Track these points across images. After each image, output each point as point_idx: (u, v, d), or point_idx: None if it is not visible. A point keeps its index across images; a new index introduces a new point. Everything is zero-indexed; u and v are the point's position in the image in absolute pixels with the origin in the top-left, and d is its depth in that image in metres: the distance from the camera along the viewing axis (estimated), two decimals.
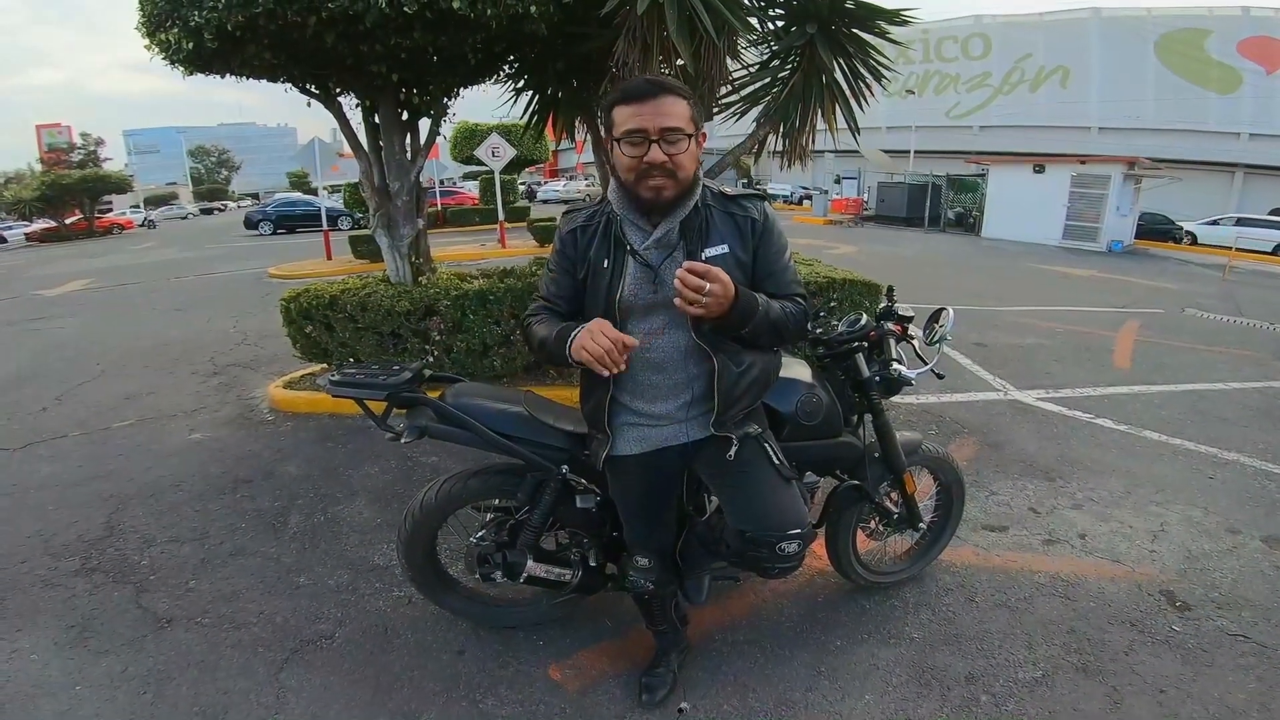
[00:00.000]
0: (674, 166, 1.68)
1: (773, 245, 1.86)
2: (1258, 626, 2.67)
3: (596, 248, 1.85)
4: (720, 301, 1.61)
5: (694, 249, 1.77)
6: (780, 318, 1.79)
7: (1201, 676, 2.39)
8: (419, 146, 5.73)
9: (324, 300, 5.08)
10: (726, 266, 1.70)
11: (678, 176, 1.70)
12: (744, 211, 1.84)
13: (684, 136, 1.68)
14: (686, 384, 1.89)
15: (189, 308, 9.93)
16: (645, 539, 2.15)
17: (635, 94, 1.67)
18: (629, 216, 1.82)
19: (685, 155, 1.69)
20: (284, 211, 26.57)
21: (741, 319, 1.69)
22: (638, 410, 1.93)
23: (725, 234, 1.81)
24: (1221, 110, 30.56)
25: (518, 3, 4.05)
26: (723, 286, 1.59)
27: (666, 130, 1.65)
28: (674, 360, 1.86)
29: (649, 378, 1.89)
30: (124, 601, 2.84)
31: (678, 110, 1.67)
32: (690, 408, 1.91)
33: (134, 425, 4.96)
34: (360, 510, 3.57)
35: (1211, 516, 3.55)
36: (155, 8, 4.16)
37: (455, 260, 13.33)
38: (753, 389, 1.93)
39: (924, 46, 37.69)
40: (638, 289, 1.80)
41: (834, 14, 4.77)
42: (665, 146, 1.66)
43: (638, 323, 1.83)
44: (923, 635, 2.59)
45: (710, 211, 1.81)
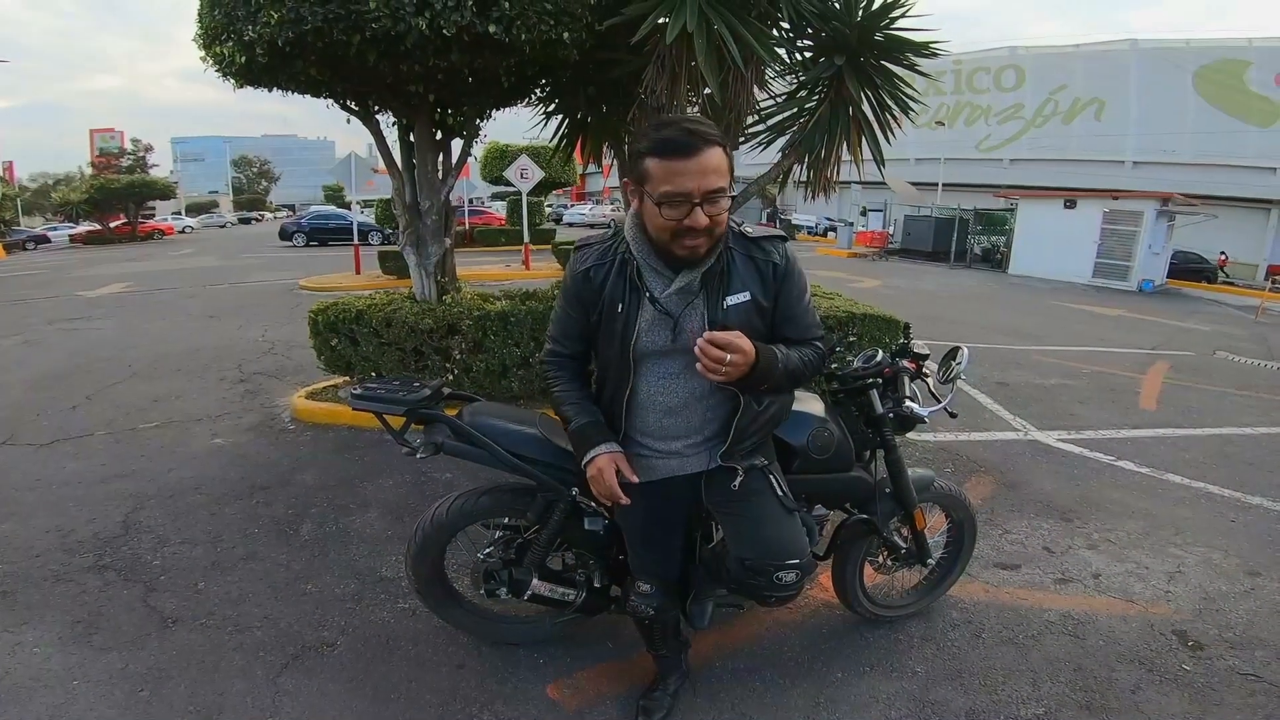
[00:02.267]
0: (715, 226, 1.61)
1: (794, 289, 1.82)
2: (1270, 666, 2.63)
3: (611, 288, 1.78)
4: (741, 368, 1.59)
5: (715, 297, 1.72)
6: (797, 367, 1.77)
7: (1209, 715, 2.36)
8: (450, 166, 5.87)
9: (350, 315, 5.19)
10: (747, 313, 1.73)
11: (715, 234, 1.63)
12: (766, 255, 1.78)
13: (727, 197, 1.59)
14: (701, 424, 1.89)
15: (221, 315, 10.17)
16: (649, 566, 2.13)
17: (675, 150, 1.53)
18: (649, 263, 1.75)
19: (722, 215, 1.62)
20: (317, 224, 27.16)
21: (761, 379, 1.68)
22: (647, 445, 1.93)
23: (747, 279, 1.75)
24: (1260, 144, 30.03)
25: (551, 28, 4.18)
26: (744, 356, 1.58)
27: (711, 193, 1.55)
28: (689, 403, 1.86)
29: (661, 421, 1.88)
30: (132, 600, 2.90)
31: (720, 165, 1.56)
32: (702, 443, 1.92)
33: (159, 427, 5.08)
34: (372, 522, 3.62)
35: (1231, 559, 3.49)
36: (212, 22, 4.37)
37: (480, 280, 13.51)
38: (767, 425, 1.92)
39: (955, 77, 37.62)
40: (655, 336, 1.77)
41: (863, 46, 4.81)
42: (708, 208, 1.56)
43: (653, 366, 1.82)
44: (926, 670, 2.56)
45: (732, 255, 1.75)
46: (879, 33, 4.80)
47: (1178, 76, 31.63)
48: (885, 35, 4.83)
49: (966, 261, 24.50)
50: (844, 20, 4.70)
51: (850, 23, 4.69)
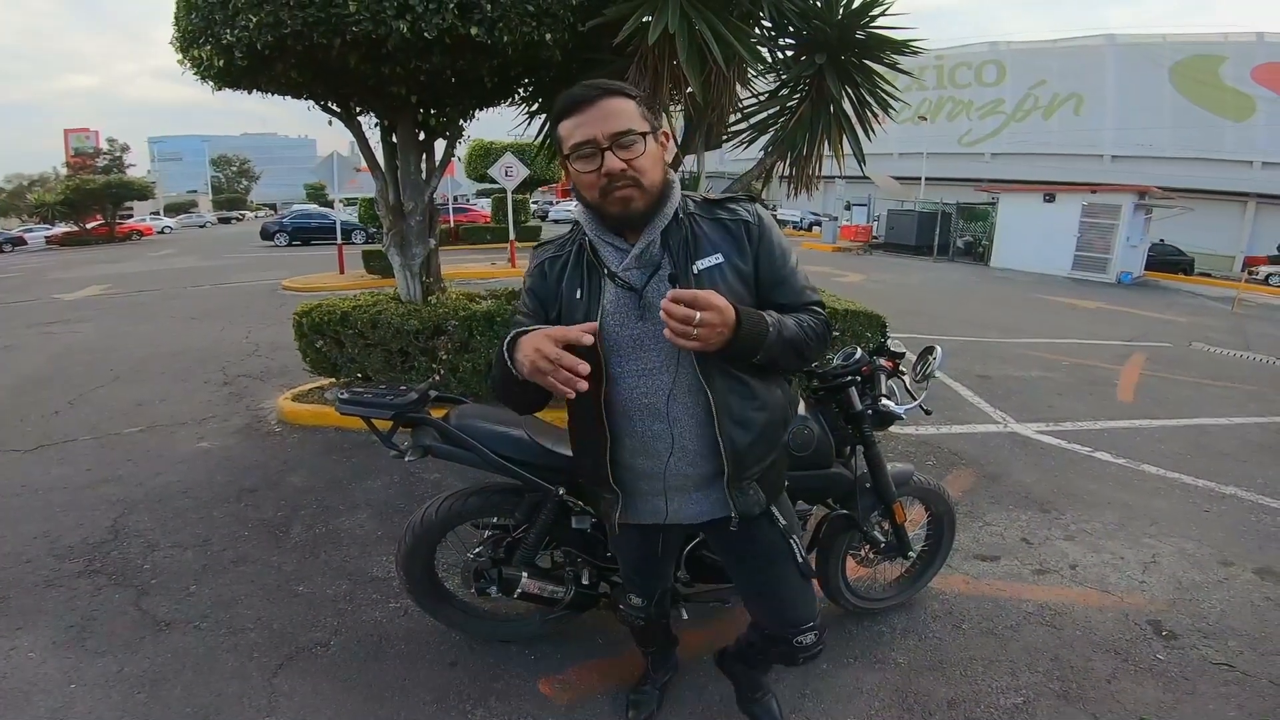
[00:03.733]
0: (636, 172, 1.46)
1: (775, 248, 1.62)
2: (1243, 655, 2.69)
3: (569, 278, 1.63)
4: (718, 330, 1.37)
5: (681, 264, 1.55)
6: (797, 335, 1.55)
7: (1182, 704, 2.42)
8: (434, 167, 5.86)
9: (335, 316, 5.19)
10: (724, 278, 1.54)
11: (643, 184, 1.48)
12: (733, 215, 1.61)
13: (638, 137, 1.45)
14: (693, 432, 1.62)
15: (203, 317, 10.09)
16: (641, 586, 2.10)
17: (574, 103, 1.46)
18: (602, 236, 1.59)
19: (645, 158, 1.47)
20: (300, 224, 26.93)
21: (751, 345, 1.46)
22: (642, 470, 1.68)
23: (717, 242, 1.58)
24: (1235, 138, 30.50)
25: (533, 30, 4.19)
26: (718, 313, 1.35)
27: (616, 135, 1.44)
28: (682, 404, 1.61)
29: (649, 426, 1.62)
30: (124, 604, 2.91)
31: (623, 110, 1.46)
32: (698, 463, 1.65)
33: (144, 431, 5.06)
34: (362, 523, 3.64)
35: (1205, 549, 3.57)
36: (190, 25, 4.33)
37: (465, 278, 13.46)
38: (765, 437, 1.68)
39: (937, 73, 37.87)
40: (621, 318, 1.57)
41: (843, 44, 4.86)
42: (620, 153, 1.45)
43: (626, 361, 1.58)
44: (908, 661, 2.62)
45: (695, 220, 1.59)
46: (859, 31, 4.85)
47: (1154, 72, 32.02)
48: (866, 33, 4.88)
49: (949, 255, 24.74)
50: (825, 19, 4.75)
51: (831, 21, 4.74)
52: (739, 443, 1.62)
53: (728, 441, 1.60)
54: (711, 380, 1.57)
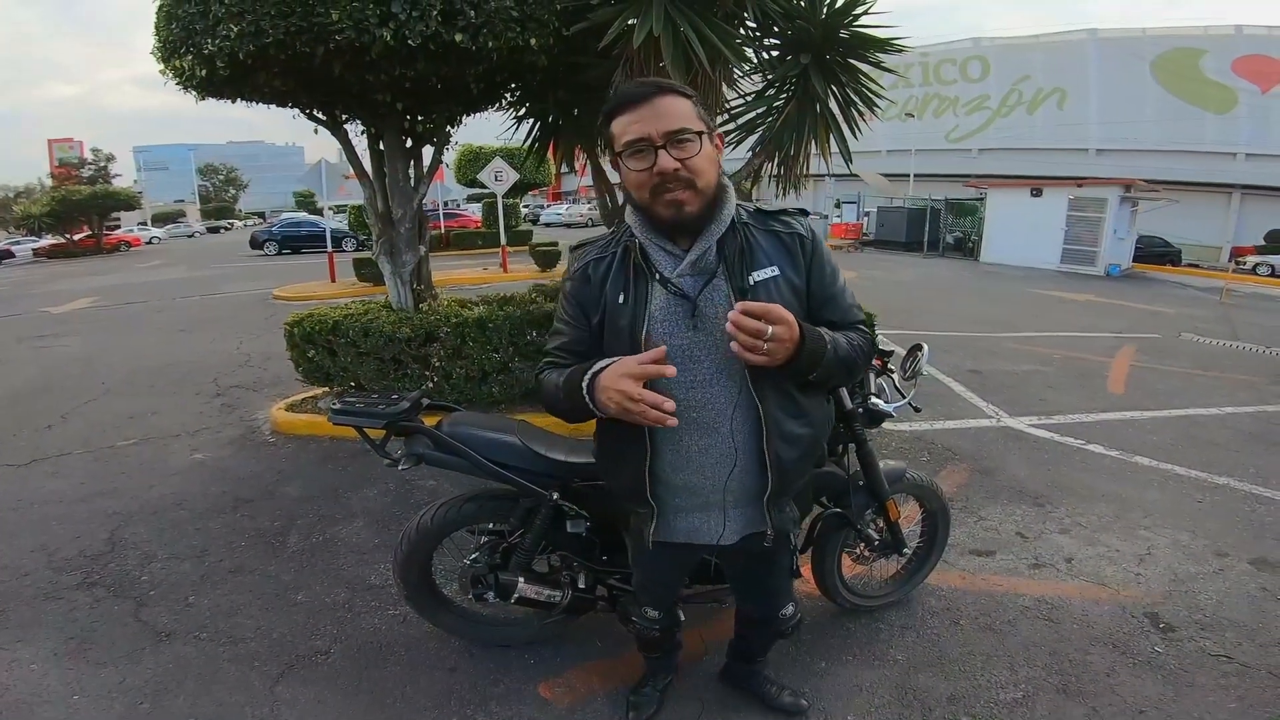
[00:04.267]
0: (690, 173, 1.42)
1: (826, 266, 1.60)
2: (1241, 647, 2.70)
3: (613, 281, 1.57)
4: (785, 345, 1.35)
5: (737, 274, 1.50)
6: (849, 354, 1.53)
7: (1182, 697, 2.42)
8: (422, 173, 5.84)
9: (327, 325, 5.18)
10: (780, 293, 1.51)
11: (697, 185, 1.44)
12: (789, 228, 1.59)
13: (693, 136, 1.42)
14: (741, 447, 1.58)
15: (194, 328, 10.05)
16: (658, 599, 2.09)
17: (629, 99, 1.44)
18: (652, 239, 1.53)
19: (700, 158, 1.43)
20: (289, 232, 26.83)
21: (811, 362, 1.43)
22: (681, 484, 1.63)
23: (772, 254, 1.54)
24: (1218, 130, 30.76)
25: (518, 35, 4.19)
26: (787, 327, 1.34)
27: (671, 133, 1.40)
28: (731, 418, 1.55)
29: (695, 441, 1.57)
30: (124, 615, 2.92)
31: (680, 109, 1.43)
32: (740, 479, 1.61)
33: (137, 444, 5.04)
34: (358, 531, 3.64)
35: (1199, 540, 3.59)
36: (170, 35, 4.30)
37: (457, 284, 13.47)
38: (809, 454, 1.67)
39: (923, 70, 38.04)
40: (670, 326, 1.51)
41: (828, 44, 4.88)
42: (674, 151, 1.41)
43: (681, 373, 1.48)
44: (906, 657, 2.63)
45: (749, 230, 1.55)
46: (843, 30, 4.88)
47: (1136, 65, 32.27)
48: (850, 32, 4.90)
49: (940, 251, 24.87)
50: (808, 18, 4.76)
51: (815, 20, 4.76)
52: (785, 459, 1.58)
53: (775, 458, 1.56)
54: (764, 395, 1.53)
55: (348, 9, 3.81)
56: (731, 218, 1.53)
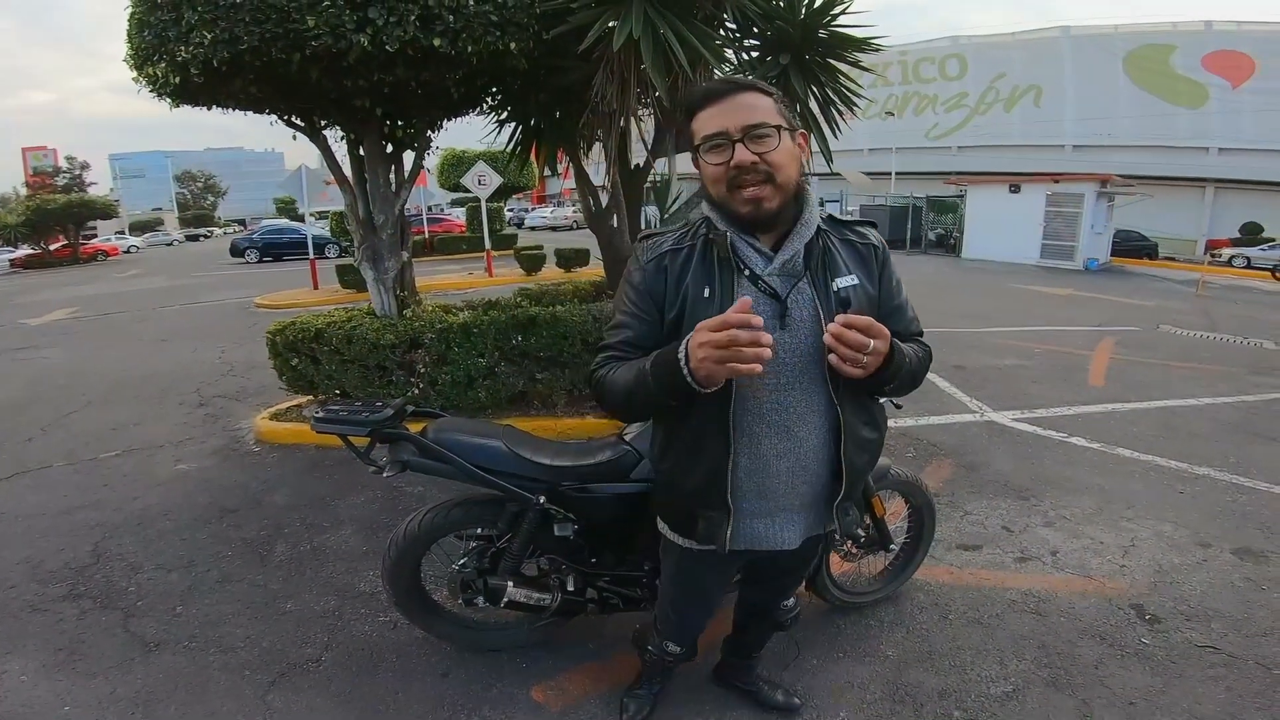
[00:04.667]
0: (770, 167, 1.40)
1: (893, 278, 1.63)
2: (1227, 637, 2.73)
3: (694, 274, 1.51)
4: (880, 358, 1.35)
5: (821, 280, 1.49)
6: (917, 365, 1.56)
7: (1171, 688, 2.44)
8: (403, 179, 5.80)
9: (310, 333, 5.14)
10: (859, 302, 1.50)
11: (776, 180, 1.41)
12: (864, 239, 1.60)
13: (771, 130, 1.39)
14: (816, 452, 1.56)
15: (175, 338, 9.94)
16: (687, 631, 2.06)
17: (709, 95, 1.45)
18: (743, 236, 1.50)
19: (779, 153, 1.41)
20: (270, 239, 26.48)
21: (893, 373, 1.43)
22: (754, 488, 1.58)
23: (851, 263, 1.55)
24: (1191, 125, 31.22)
25: (498, 39, 4.18)
26: (884, 341, 1.34)
27: (749, 127, 1.38)
28: (808, 422, 1.53)
29: (773, 444, 1.53)
30: (112, 626, 2.90)
31: (759, 104, 1.42)
32: (811, 483, 1.60)
33: (120, 456, 4.98)
34: (346, 539, 3.62)
35: (1182, 531, 3.64)
36: (143, 43, 4.25)
37: (442, 289, 13.41)
38: (875, 458, 1.72)
39: (902, 68, 38.35)
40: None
41: (806, 44, 4.92)
42: (752, 145, 1.39)
43: (767, 375, 1.43)
44: (897, 653, 2.65)
45: (829, 238, 1.54)
46: (822, 30, 4.92)
47: (1109, 62, 32.71)
48: (829, 32, 4.94)
49: (922, 248, 25.08)
50: (787, 19, 4.80)
51: (793, 21, 4.79)
52: (857, 464, 1.60)
53: (849, 463, 1.57)
54: (843, 401, 1.53)
55: (324, 15, 3.78)
56: (817, 223, 1.53)
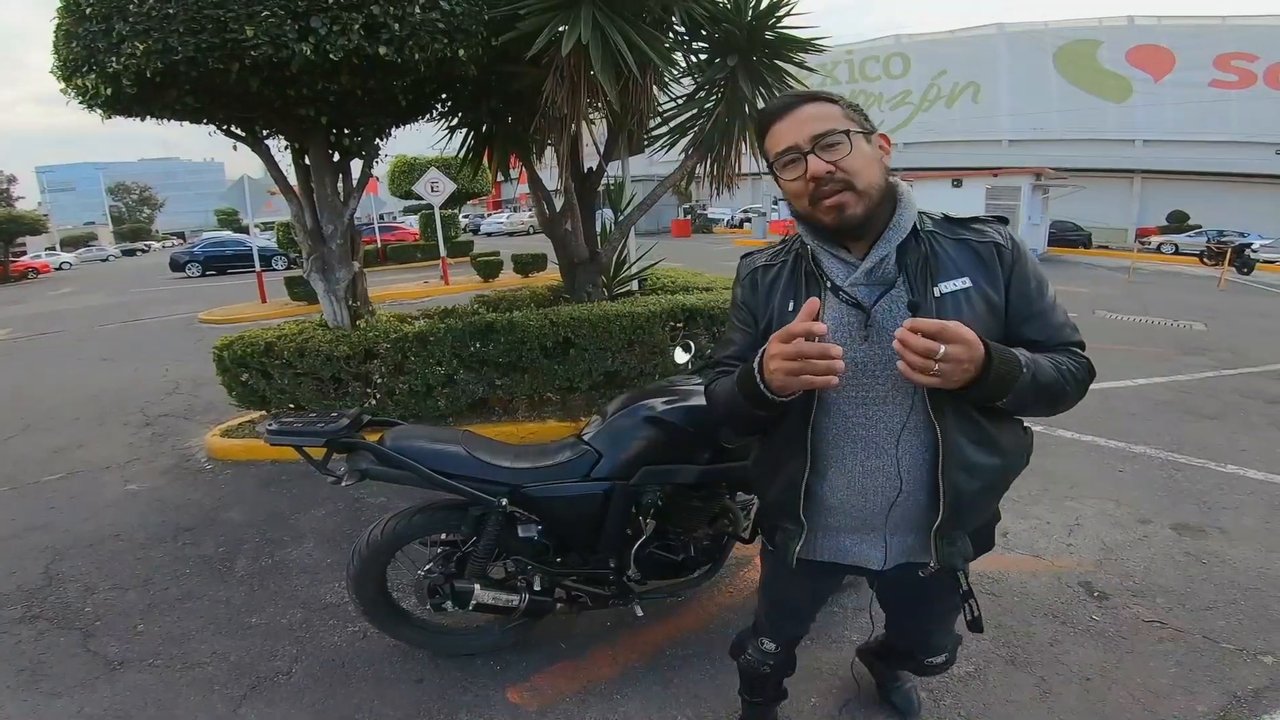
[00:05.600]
0: (847, 173, 1.33)
1: (1030, 278, 1.42)
2: (1172, 612, 2.85)
3: (782, 289, 1.50)
4: (964, 367, 1.21)
5: (920, 285, 1.37)
6: (1053, 380, 1.35)
7: (1124, 663, 2.54)
8: (352, 188, 5.67)
9: (259, 348, 5.02)
10: (972, 307, 1.36)
11: (857, 186, 1.34)
12: (983, 236, 1.42)
13: (841, 136, 1.33)
14: (912, 473, 1.44)
15: (116, 357, 9.61)
16: (783, 630, 1.95)
17: (773, 113, 1.40)
18: (825, 247, 1.44)
19: (854, 157, 1.34)
20: (213, 252, 25.64)
21: (999, 388, 1.28)
22: (839, 504, 1.51)
23: (963, 264, 1.40)
24: (1117, 118, 32.56)
25: (445, 46, 4.14)
26: (966, 347, 1.20)
27: (818, 137, 1.33)
28: (902, 440, 1.43)
29: (863, 461, 1.45)
30: (72, 646, 2.85)
31: (824, 112, 1.36)
32: (905, 505, 1.47)
33: (65, 478, 4.83)
34: (309, 552, 3.57)
35: (1123, 508, 3.80)
36: (71, 54, 4.09)
37: (397, 299, 13.23)
38: (994, 488, 1.50)
39: (849, 67, 39.15)
40: (842, 337, 1.39)
41: (753, 45, 5.01)
42: (824, 154, 1.33)
43: (844, 386, 1.38)
44: (863, 638, 2.69)
45: (935, 239, 1.42)
46: (768, 31, 5.01)
47: (1040, 58, 33.93)
48: (775, 34, 5.04)
49: None
50: (734, 21, 4.88)
51: (740, 23, 4.88)
52: (963, 490, 1.42)
53: (950, 487, 1.41)
54: (943, 418, 1.38)
55: (264, 25, 3.68)
56: (913, 224, 1.41)
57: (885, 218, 1.40)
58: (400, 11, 3.91)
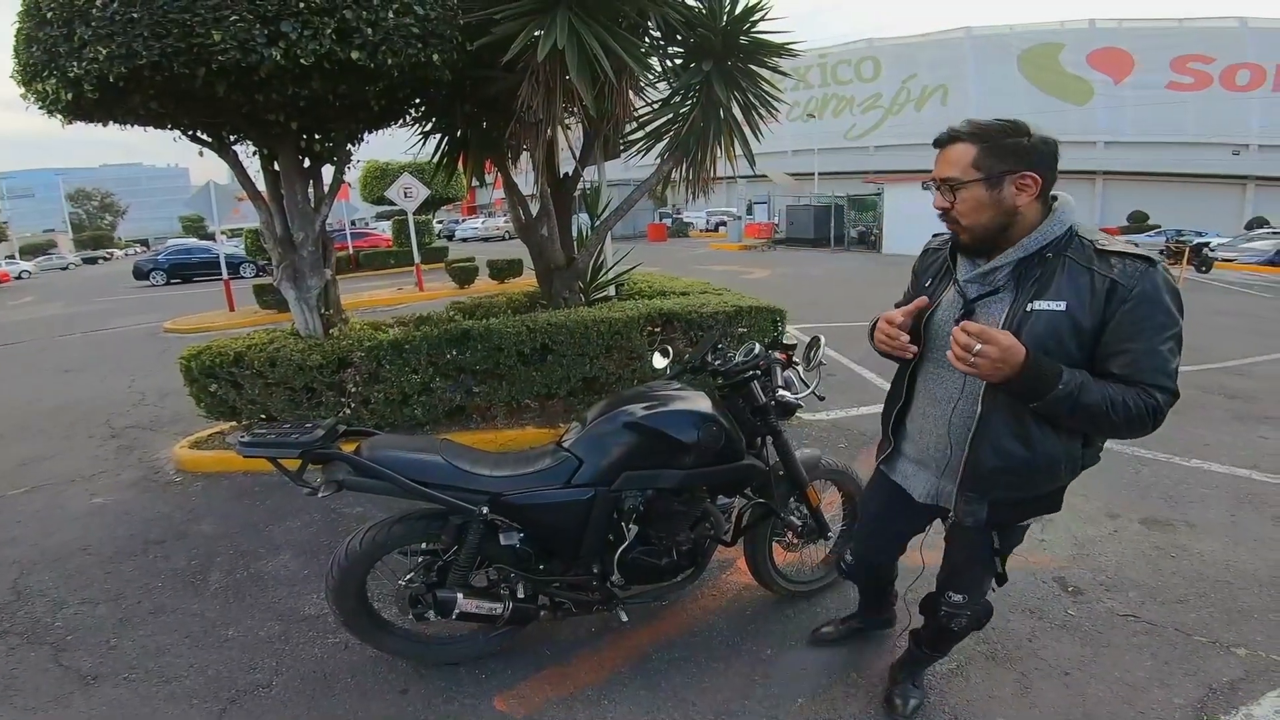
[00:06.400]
0: (955, 214, 1.70)
1: (1138, 320, 1.57)
2: (1145, 605, 2.91)
3: (932, 269, 1.94)
4: (996, 366, 1.52)
5: (1023, 298, 1.65)
6: (1096, 403, 1.55)
7: (1101, 657, 2.59)
8: (323, 194, 5.57)
9: (228, 357, 4.91)
10: (1055, 327, 1.59)
11: (962, 224, 1.70)
12: (1106, 270, 1.60)
13: (960, 183, 1.66)
14: (955, 433, 1.82)
15: (80, 368, 9.37)
16: (861, 542, 2.34)
17: (936, 143, 1.76)
18: (965, 249, 1.82)
19: (964, 204, 1.67)
20: (178, 260, 25.06)
21: (1030, 390, 1.56)
22: (910, 434, 2.01)
23: (1069, 290, 1.61)
24: (1080, 121, 33.26)
25: (419, 51, 4.09)
26: (1000, 351, 1.51)
27: (942, 180, 1.69)
28: (953, 401, 1.82)
29: (929, 408, 1.90)
30: (43, 661, 2.80)
31: (953, 159, 1.67)
32: (947, 457, 1.87)
33: (30, 492, 4.71)
34: (286, 563, 3.52)
35: (1092, 503, 3.87)
36: (31, 59, 3.99)
37: (371, 306, 13.07)
38: (1021, 476, 1.75)
39: (821, 71, 39.57)
40: (946, 314, 1.81)
41: (728, 50, 5.05)
42: (946, 194, 1.70)
43: (936, 350, 1.83)
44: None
45: (1064, 263, 1.63)
46: (743, 36, 5.04)
47: (1005, 61, 34.60)
48: (749, 39, 5.08)
49: (845, 245, 25.88)
50: (709, 26, 4.91)
51: (715, 28, 4.91)
52: (984, 462, 1.76)
53: (973, 455, 1.77)
54: (990, 401, 1.72)
55: (232, 30, 3.60)
56: (1039, 248, 1.65)
57: (1018, 235, 1.68)
58: (374, 16, 3.85)
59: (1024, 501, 1.83)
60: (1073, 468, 1.78)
